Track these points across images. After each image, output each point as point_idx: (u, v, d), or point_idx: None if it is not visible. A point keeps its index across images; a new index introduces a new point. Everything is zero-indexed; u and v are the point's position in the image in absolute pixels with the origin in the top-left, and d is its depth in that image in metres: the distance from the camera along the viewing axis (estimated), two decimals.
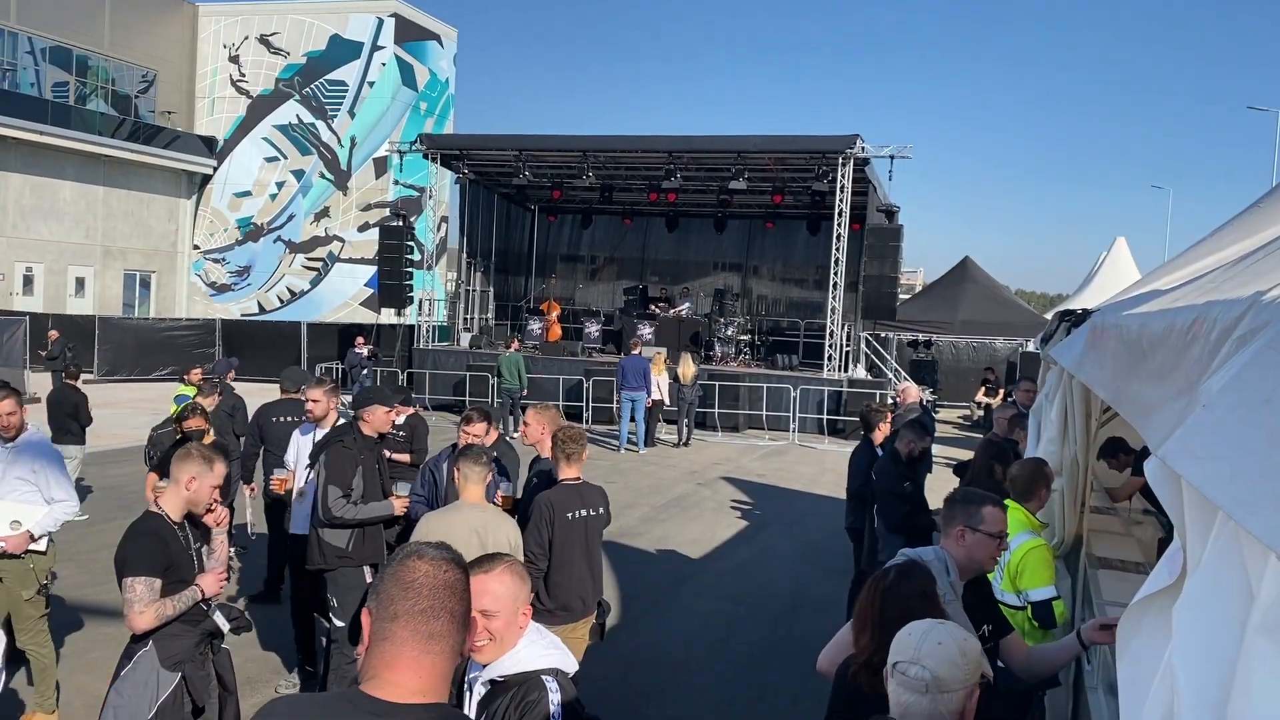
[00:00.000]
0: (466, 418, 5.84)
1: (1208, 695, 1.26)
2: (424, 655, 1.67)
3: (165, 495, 3.98)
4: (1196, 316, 1.72)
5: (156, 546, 3.84)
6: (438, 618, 1.69)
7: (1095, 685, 4.08)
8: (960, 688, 2.14)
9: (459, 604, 1.73)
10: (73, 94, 33.04)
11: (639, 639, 7.40)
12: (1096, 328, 3.42)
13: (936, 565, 3.21)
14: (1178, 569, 1.52)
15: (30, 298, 30.23)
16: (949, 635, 2.20)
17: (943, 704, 2.13)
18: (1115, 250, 28.05)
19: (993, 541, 3.38)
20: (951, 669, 2.14)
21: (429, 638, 1.68)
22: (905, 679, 2.17)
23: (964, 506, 3.45)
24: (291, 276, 36.45)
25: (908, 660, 2.18)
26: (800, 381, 19.63)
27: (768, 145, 20.58)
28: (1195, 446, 1.29)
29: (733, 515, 12.11)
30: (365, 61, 36.17)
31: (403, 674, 1.66)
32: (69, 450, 10.46)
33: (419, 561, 1.74)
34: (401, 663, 1.67)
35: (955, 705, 2.14)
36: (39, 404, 18.89)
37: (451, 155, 23.21)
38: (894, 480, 6.57)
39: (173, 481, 3.96)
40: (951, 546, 3.40)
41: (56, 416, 10.58)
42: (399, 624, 1.68)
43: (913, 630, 2.25)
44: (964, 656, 2.16)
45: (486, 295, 26.10)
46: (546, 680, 2.43)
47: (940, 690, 2.13)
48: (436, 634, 1.69)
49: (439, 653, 1.69)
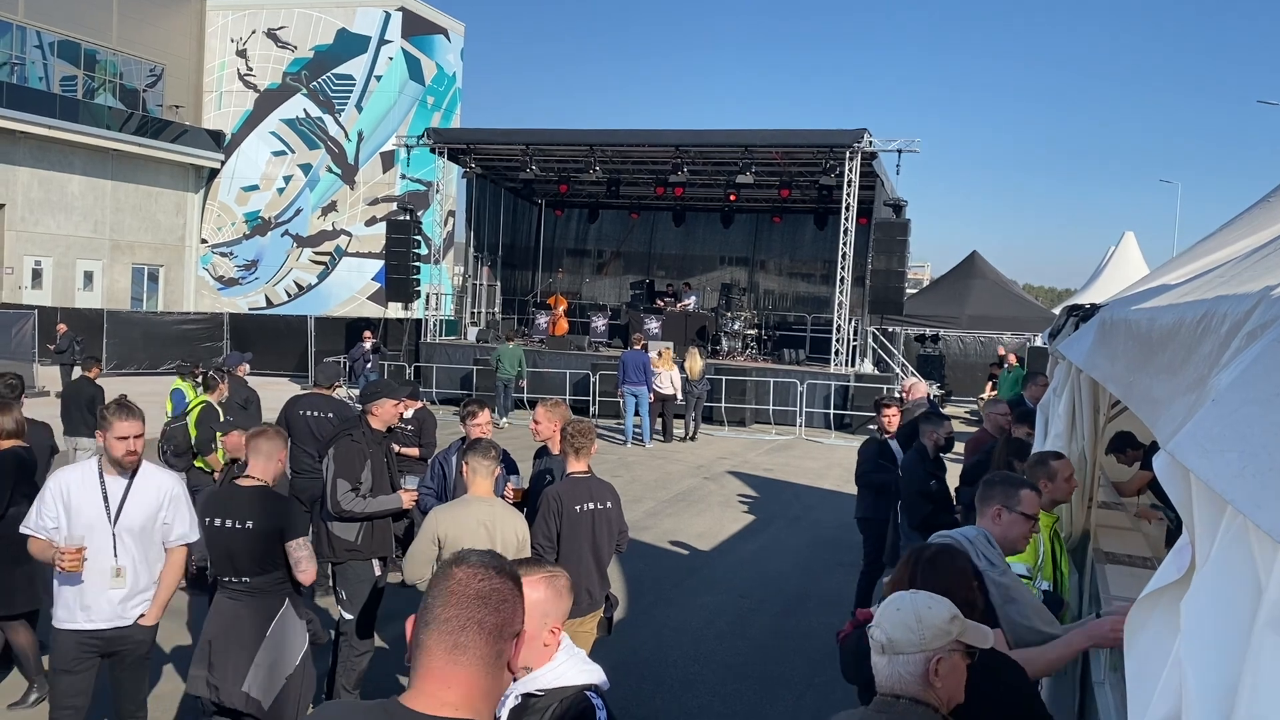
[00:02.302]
0: (470, 412, 5.85)
1: (1216, 689, 1.27)
2: (451, 666, 1.63)
3: (265, 470, 4.45)
4: (1206, 311, 1.72)
5: (301, 511, 4.54)
6: (465, 629, 1.64)
7: (1102, 680, 4.08)
8: (914, 651, 2.25)
9: (491, 615, 1.66)
10: (81, 88, 33.08)
11: (647, 632, 7.42)
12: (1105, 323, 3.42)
13: (980, 541, 3.36)
14: (1186, 563, 1.53)
15: (39, 291, 30.29)
16: (910, 603, 2.33)
17: (900, 665, 2.26)
18: (1123, 245, 27.98)
19: (1027, 523, 3.53)
20: (905, 633, 2.26)
21: (454, 648, 1.63)
22: (871, 640, 2.35)
23: (1003, 488, 3.63)
24: (299, 270, 36.48)
25: (874, 624, 2.36)
26: (807, 376, 19.62)
27: (775, 139, 20.53)
28: (1204, 441, 1.29)
29: (739, 509, 12.12)
30: (372, 55, 36.15)
31: (434, 685, 1.63)
32: (84, 443, 10.61)
33: (458, 569, 1.70)
34: (432, 673, 1.63)
35: (914, 669, 2.25)
36: (48, 398, 19.01)
37: (459, 149, 23.21)
38: (921, 480, 6.60)
39: (265, 457, 4.46)
40: (987, 525, 3.54)
41: (73, 409, 10.60)
42: (429, 632, 1.65)
43: (888, 599, 2.41)
44: (920, 623, 2.27)
45: (493, 289, 26.12)
46: (592, 696, 2.37)
47: (895, 652, 2.27)
48: (462, 645, 1.64)
49: (467, 664, 1.63)
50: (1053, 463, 4.49)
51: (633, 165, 23.34)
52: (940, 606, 2.33)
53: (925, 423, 6.89)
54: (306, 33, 36.19)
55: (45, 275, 31.15)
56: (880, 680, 2.31)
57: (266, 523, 4.29)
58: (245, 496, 4.37)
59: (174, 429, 8.13)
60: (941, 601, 2.35)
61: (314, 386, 8.55)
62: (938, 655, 2.25)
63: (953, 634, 2.27)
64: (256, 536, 4.28)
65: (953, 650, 2.27)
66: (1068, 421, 5.11)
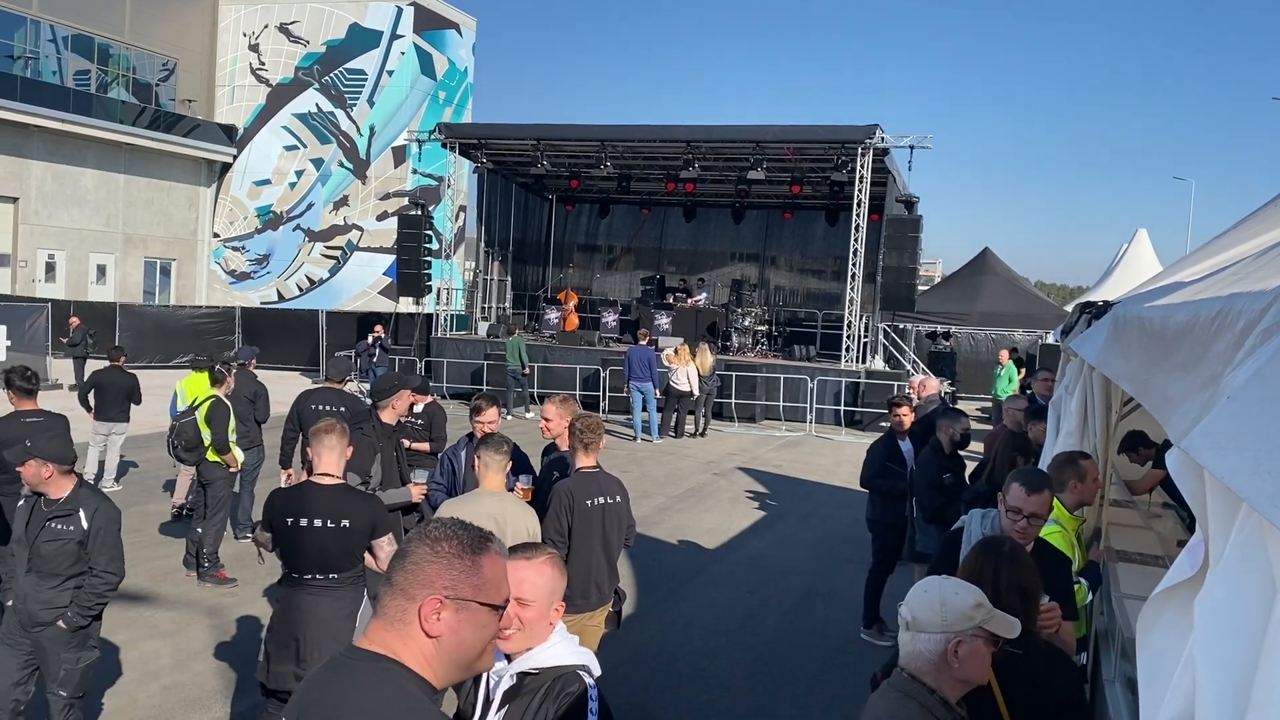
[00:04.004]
0: (476, 407, 5.83)
1: (1230, 688, 1.26)
2: (376, 619, 1.78)
3: (339, 466, 4.52)
4: (1221, 308, 1.71)
5: (386, 508, 4.75)
6: (386, 583, 1.78)
7: (1113, 679, 4.07)
8: (936, 631, 2.39)
9: (400, 575, 1.76)
10: (94, 82, 33.19)
11: (655, 628, 7.42)
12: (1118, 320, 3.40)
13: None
14: (1199, 561, 1.52)
15: (52, 285, 30.43)
16: (939, 587, 2.49)
17: (921, 643, 2.41)
18: (1136, 242, 27.85)
19: (1010, 516, 3.65)
20: (929, 613, 2.41)
21: (379, 605, 1.78)
22: (899, 618, 2.51)
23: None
24: (310, 265, 36.57)
25: (903, 603, 2.51)
26: (818, 373, 19.59)
27: (786, 135, 20.48)
28: (1220, 438, 1.28)
29: (749, 505, 12.11)
30: (384, 50, 36.19)
31: (370, 630, 1.78)
32: (117, 428, 10.95)
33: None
34: (370, 624, 1.80)
35: (934, 647, 2.39)
36: (60, 390, 19.11)
37: (470, 144, 23.22)
38: (934, 473, 6.59)
39: (338, 453, 4.52)
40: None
41: (108, 397, 10.86)
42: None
43: (920, 581, 2.57)
44: (944, 605, 2.41)
45: (504, 284, 26.13)
46: (584, 675, 2.40)
47: (918, 629, 2.42)
48: (380, 600, 1.78)
49: (382, 616, 1.76)
50: (1082, 462, 4.47)
51: (644, 161, 23.32)
52: (966, 593, 2.46)
53: (942, 418, 6.88)
54: (318, 27, 36.24)
55: (58, 269, 31.29)
56: (902, 655, 2.47)
57: (361, 520, 4.42)
58: (329, 496, 4.42)
59: (183, 424, 8.16)
60: (968, 589, 2.50)
61: (325, 381, 8.59)
62: (958, 638, 2.38)
63: (976, 620, 2.40)
64: (351, 534, 4.39)
65: (975, 635, 2.39)
66: (1080, 419, 5.09)
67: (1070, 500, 4.47)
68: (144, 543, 9.09)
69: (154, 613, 7.26)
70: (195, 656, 6.46)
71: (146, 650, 6.51)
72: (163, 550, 8.88)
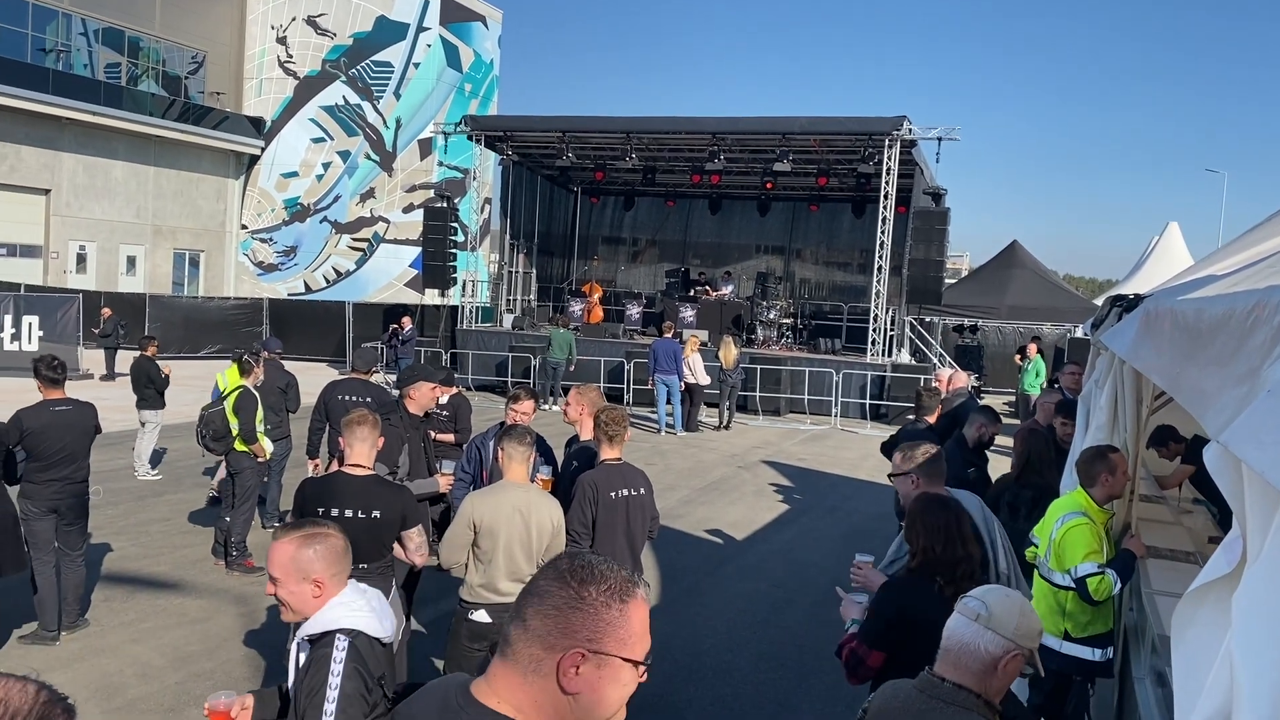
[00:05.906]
0: (514, 396, 5.86)
1: (1269, 684, 1.24)
2: (499, 660, 1.66)
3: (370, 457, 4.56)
4: (1258, 301, 1.68)
5: (416, 499, 4.85)
6: (518, 622, 1.60)
7: (1143, 675, 4.03)
8: (1008, 633, 2.33)
9: (538, 619, 1.57)
10: (124, 75, 33.50)
11: (679, 619, 7.42)
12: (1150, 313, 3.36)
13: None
14: (1236, 557, 1.50)
15: (83, 276, 30.75)
16: (1019, 598, 2.45)
17: (985, 640, 2.33)
18: (1167, 235, 27.54)
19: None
20: (1007, 615, 2.35)
21: (507, 644, 1.64)
22: (963, 607, 2.42)
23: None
24: (337, 257, 36.79)
25: (975, 596, 2.44)
26: (843, 366, 19.49)
27: (813, 127, 20.35)
28: (1260, 432, 1.26)
29: (774, 498, 12.08)
30: (411, 43, 36.30)
31: (490, 675, 1.66)
32: (148, 415, 11.40)
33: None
34: (494, 663, 1.71)
35: (994, 650, 2.32)
36: (91, 379, 19.35)
37: (495, 137, 23.25)
38: (958, 466, 6.54)
39: (369, 444, 4.56)
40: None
41: (140, 386, 11.38)
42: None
43: (995, 588, 2.52)
44: (1023, 615, 2.38)
45: (529, 276, 26.18)
46: (338, 638, 2.57)
47: (989, 627, 2.33)
48: (510, 641, 1.61)
49: (512, 662, 1.60)
50: (1112, 456, 4.47)
51: (669, 153, 23.27)
52: (1037, 617, 2.47)
53: (979, 414, 6.81)
54: (346, 20, 36.39)
55: (89, 260, 31.62)
56: (949, 646, 2.38)
57: (391, 511, 4.45)
58: (361, 486, 4.45)
59: (212, 414, 8.21)
60: (1036, 614, 2.50)
61: (352, 371, 8.63)
62: (1016, 652, 2.35)
63: (1033, 645, 2.40)
64: (381, 525, 4.42)
65: (1020, 655, 2.37)
66: (1110, 413, 5.04)
67: (1100, 494, 4.45)
68: (172, 531, 9.19)
69: (183, 600, 7.33)
70: (224, 644, 6.52)
71: (176, 637, 6.58)
72: (191, 539, 8.96)
